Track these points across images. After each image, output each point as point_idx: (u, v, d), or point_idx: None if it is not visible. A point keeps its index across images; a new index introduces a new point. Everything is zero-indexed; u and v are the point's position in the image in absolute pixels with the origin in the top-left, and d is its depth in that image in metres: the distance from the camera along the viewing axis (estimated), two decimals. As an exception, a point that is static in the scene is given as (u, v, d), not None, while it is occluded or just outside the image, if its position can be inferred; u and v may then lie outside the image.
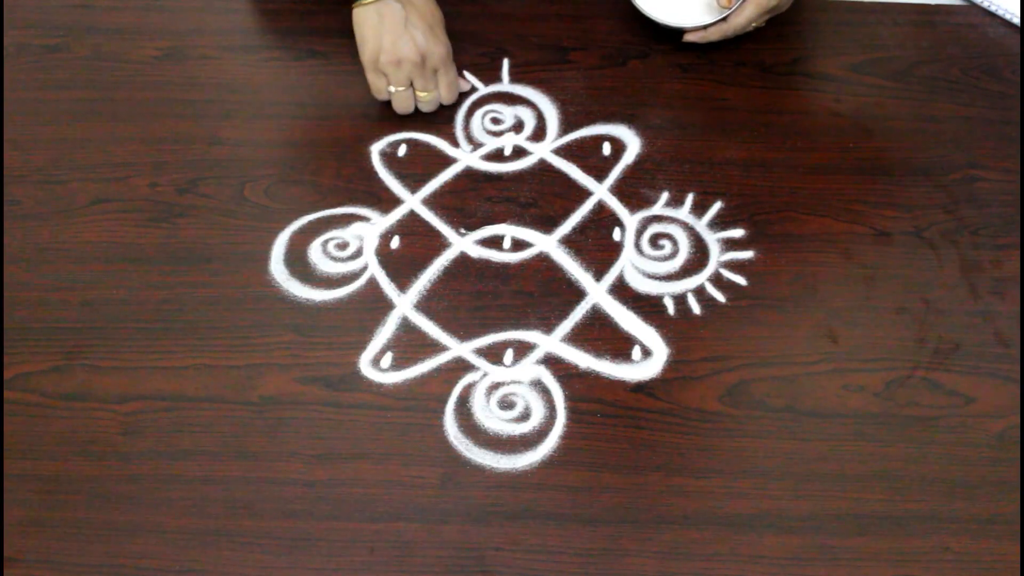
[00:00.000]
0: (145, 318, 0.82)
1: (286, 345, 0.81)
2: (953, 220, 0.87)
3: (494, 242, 0.86)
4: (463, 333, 0.81)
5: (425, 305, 0.83)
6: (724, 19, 0.92)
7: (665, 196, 0.88)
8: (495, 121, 0.94)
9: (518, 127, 0.93)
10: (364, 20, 0.87)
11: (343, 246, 0.86)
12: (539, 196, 0.89)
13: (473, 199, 0.89)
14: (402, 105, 0.91)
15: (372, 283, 0.84)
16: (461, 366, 0.80)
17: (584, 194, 0.89)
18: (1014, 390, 0.78)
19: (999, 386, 0.78)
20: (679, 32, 0.95)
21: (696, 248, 0.86)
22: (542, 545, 0.72)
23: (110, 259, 0.85)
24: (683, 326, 0.81)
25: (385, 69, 0.88)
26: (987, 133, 0.93)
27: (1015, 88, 0.96)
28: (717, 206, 0.88)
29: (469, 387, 0.79)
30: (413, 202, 0.89)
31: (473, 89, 0.95)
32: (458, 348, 0.80)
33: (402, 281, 0.84)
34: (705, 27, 0.94)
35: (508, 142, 0.92)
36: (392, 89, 0.90)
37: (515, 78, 0.97)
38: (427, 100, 0.91)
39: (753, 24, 0.94)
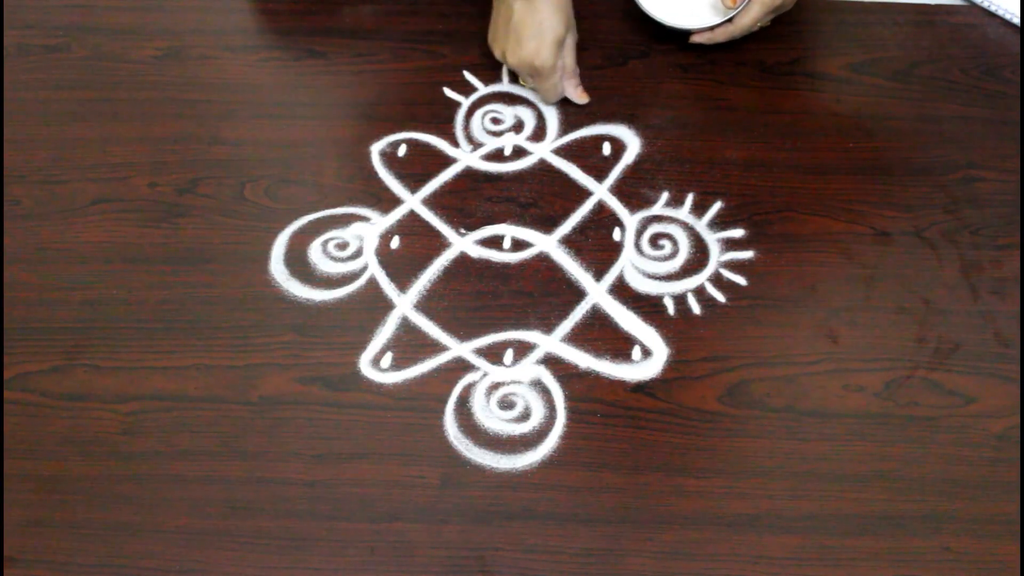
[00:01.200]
0: (145, 318, 0.82)
1: (286, 345, 0.81)
2: (953, 220, 0.87)
3: (494, 242, 0.86)
4: (463, 333, 0.81)
5: (425, 305, 0.83)
6: (730, 20, 0.92)
7: (665, 196, 0.88)
8: (495, 121, 0.94)
9: (518, 127, 0.93)
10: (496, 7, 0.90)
11: (343, 246, 0.86)
12: (539, 196, 0.89)
13: (473, 199, 0.89)
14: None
15: (372, 283, 0.84)
16: (461, 366, 0.80)
17: (584, 194, 0.89)
18: (1014, 390, 0.78)
19: (999, 386, 0.78)
20: (685, 33, 0.95)
21: (696, 248, 0.86)
22: (542, 545, 0.72)
23: (110, 259, 0.85)
24: (683, 326, 0.81)
25: None
26: (987, 133, 0.93)
27: (1015, 88, 0.95)
28: (717, 206, 0.88)
29: (469, 387, 0.78)
30: (413, 202, 0.89)
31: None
32: (458, 348, 0.80)
33: (402, 281, 0.84)
34: (712, 28, 0.94)
35: (508, 142, 0.92)
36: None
37: (515, 78, 0.96)
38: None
39: (759, 24, 0.94)
